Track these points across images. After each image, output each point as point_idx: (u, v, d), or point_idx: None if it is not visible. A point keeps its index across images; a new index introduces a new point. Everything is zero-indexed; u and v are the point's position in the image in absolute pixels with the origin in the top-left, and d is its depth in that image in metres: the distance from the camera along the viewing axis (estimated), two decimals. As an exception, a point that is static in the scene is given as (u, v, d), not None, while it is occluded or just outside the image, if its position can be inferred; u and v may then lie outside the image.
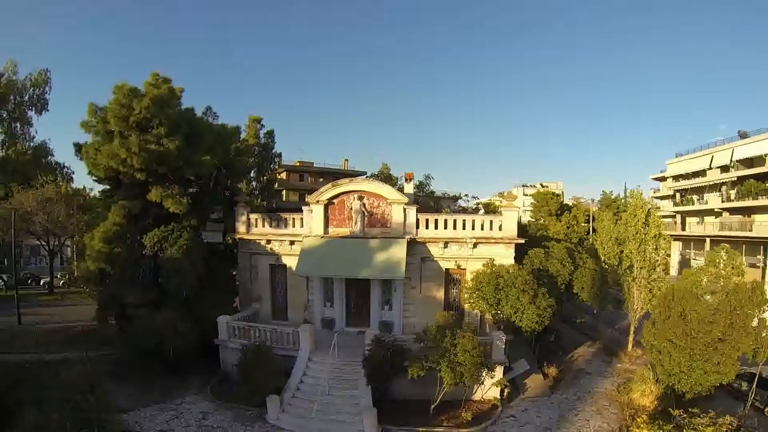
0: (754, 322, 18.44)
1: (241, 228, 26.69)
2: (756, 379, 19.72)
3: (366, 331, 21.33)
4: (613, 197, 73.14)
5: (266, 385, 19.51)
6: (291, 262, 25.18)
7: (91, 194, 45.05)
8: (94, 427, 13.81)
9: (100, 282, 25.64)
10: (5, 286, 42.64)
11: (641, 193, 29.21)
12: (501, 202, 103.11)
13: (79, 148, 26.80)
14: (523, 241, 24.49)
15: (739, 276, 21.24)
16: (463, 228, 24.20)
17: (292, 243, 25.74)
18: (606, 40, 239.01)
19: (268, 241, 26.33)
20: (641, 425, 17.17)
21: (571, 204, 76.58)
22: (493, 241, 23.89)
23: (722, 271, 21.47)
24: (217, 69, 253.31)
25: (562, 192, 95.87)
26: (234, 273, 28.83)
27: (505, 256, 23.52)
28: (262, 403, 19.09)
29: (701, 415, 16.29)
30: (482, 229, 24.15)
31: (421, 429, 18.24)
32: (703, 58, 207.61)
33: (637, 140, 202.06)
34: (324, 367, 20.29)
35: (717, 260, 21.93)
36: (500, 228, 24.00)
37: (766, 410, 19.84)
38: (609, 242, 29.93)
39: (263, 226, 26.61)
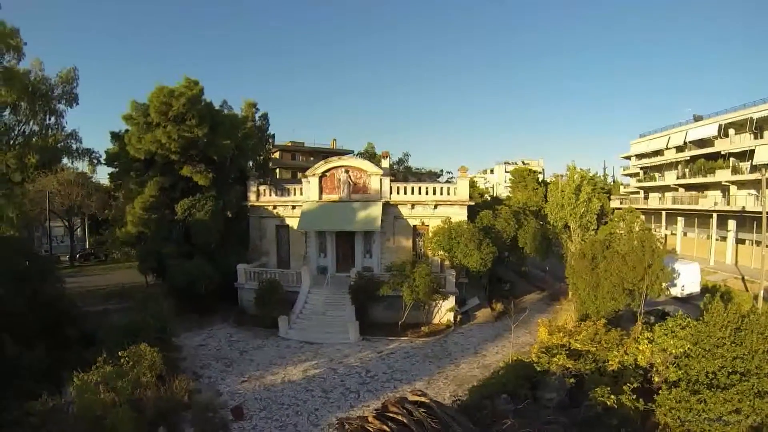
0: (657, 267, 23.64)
1: (252, 197, 32.85)
2: (641, 308, 24.67)
3: (351, 271, 27.97)
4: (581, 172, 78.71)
5: (277, 310, 26.04)
6: (293, 222, 31.51)
7: (93, 179, 51.49)
8: (165, 325, 20.30)
9: (138, 243, 31.92)
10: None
11: (574, 167, 35.15)
12: (483, 179, 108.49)
13: (115, 136, 33.21)
14: (473, 203, 31.06)
15: (641, 231, 27.43)
16: (426, 193, 30.65)
17: (293, 207, 32.00)
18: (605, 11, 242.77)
19: (275, 207, 32.57)
20: (540, 328, 23.46)
21: (549, 180, 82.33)
22: (449, 203, 30.26)
23: (626, 227, 27.77)
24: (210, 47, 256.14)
25: (543, 169, 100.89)
26: (247, 232, 34.76)
27: (459, 215, 29.80)
28: (273, 324, 25.51)
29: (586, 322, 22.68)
30: (441, 194, 30.59)
31: (391, 337, 24.92)
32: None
33: (633, 119, 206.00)
34: (320, 297, 27.12)
35: (624, 218, 28.30)
36: (455, 193, 30.44)
37: None
38: (555, 207, 36.16)
39: (270, 195, 32.78)
